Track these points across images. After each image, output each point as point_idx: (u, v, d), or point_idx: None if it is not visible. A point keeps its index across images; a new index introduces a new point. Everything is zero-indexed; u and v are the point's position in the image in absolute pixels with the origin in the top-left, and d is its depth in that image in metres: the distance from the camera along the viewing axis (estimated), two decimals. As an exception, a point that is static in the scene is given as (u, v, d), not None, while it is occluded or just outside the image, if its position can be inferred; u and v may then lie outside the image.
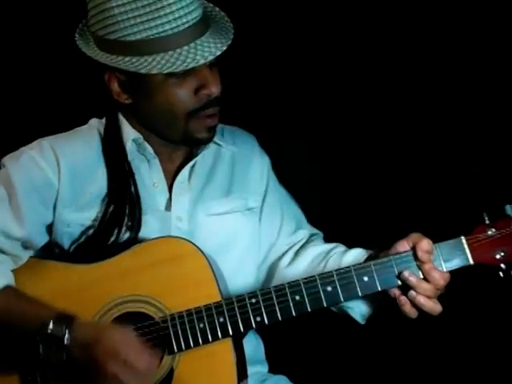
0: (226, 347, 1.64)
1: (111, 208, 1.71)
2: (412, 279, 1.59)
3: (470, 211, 1.65)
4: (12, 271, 1.68)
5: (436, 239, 1.61)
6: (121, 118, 1.76)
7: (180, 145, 1.76)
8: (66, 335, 1.54)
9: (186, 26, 1.59)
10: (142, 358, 1.53)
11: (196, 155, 1.77)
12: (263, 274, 1.86)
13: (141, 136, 1.73)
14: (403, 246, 1.61)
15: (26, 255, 1.72)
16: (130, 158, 1.74)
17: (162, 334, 1.62)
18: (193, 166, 1.78)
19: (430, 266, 1.58)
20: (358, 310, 1.74)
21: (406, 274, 1.60)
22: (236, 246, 1.79)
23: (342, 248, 1.81)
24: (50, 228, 1.73)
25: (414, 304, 1.60)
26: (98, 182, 1.73)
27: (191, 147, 1.78)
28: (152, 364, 1.55)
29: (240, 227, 1.80)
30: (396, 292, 1.62)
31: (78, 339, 1.54)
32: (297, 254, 1.84)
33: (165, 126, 1.70)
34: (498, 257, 1.60)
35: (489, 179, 2.05)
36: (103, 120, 1.80)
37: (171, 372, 1.64)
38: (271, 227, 1.85)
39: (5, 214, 1.68)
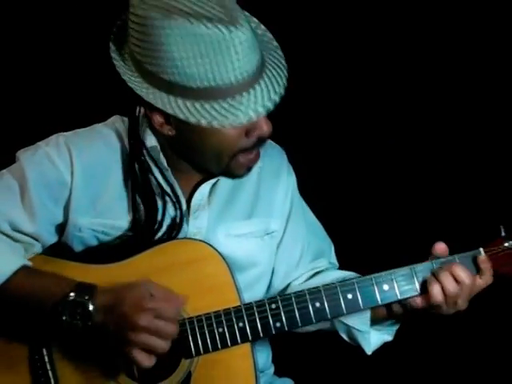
0: (244, 352, 1.64)
1: (142, 217, 1.66)
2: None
3: (487, 223, 1.68)
4: None
5: (455, 250, 1.64)
6: (144, 126, 1.68)
7: (214, 175, 1.71)
8: (91, 301, 1.53)
9: (246, 75, 1.48)
10: (168, 303, 1.54)
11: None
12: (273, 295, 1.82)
13: (158, 145, 1.67)
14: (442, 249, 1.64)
15: (37, 244, 1.69)
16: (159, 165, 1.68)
17: (181, 337, 1.61)
18: (215, 183, 1.73)
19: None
20: (368, 340, 1.75)
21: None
22: (250, 270, 1.77)
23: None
24: (59, 228, 1.70)
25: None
26: (115, 186, 1.68)
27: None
28: (179, 307, 1.57)
29: (257, 253, 1.78)
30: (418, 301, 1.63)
31: (102, 303, 1.54)
32: (312, 276, 1.84)
33: (206, 161, 1.64)
34: (514, 268, 1.64)
35: (504, 192, 2.09)
36: (126, 119, 1.72)
37: (189, 376, 1.63)
38: (290, 257, 1.84)
39: (16, 208, 1.65)
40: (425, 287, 1.61)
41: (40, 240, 1.69)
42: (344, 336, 1.79)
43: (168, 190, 1.69)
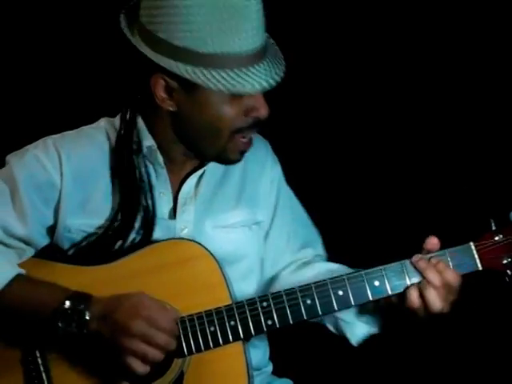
0: (237, 351, 1.64)
1: (119, 216, 1.68)
2: (421, 263, 1.61)
3: (477, 218, 1.69)
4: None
5: (445, 245, 1.64)
6: (140, 122, 1.70)
7: (207, 160, 1.73)
8: (87, 310, 1.56)
9: (257, 45, 1.55)
10: (163, 312, 1.56)
11: (205, 165, 1.74)
12: (264, 286, 1.84)
13: (155, 144, 1.69)
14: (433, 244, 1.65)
15: (29, 249, 1.70)
16: (142, 165, 1.70)
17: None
18: (201, 176, 1.75)
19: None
20: (353, 331, 1.75)
21: (414, 258, 1.62)
22: (240, 260, 1.77)
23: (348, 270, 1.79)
24: (50, 230, 1.71)
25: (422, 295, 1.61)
26: (103, 187, 1.70)
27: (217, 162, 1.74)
28: (173, 316, 1.58)
29: (245, 242, 1.79)
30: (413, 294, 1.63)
31: (97, 312, 1.56)
32: (301, 266, 1.84)
33: (204, 139, 1.66)
34: (504, 262, 1.63)
35: (495, 186, 2.09)
36: (115, 120, 1.74)
37: (181, 376, 1.63)
38: (278, 243, 1.84)
39: (6, 211, 1.66)
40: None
41: (32, 243, 1.70)
42: (330, 327, 1.79)
43: (160, 186, 1.71)
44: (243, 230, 1.79)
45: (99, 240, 1.68)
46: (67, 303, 1.56)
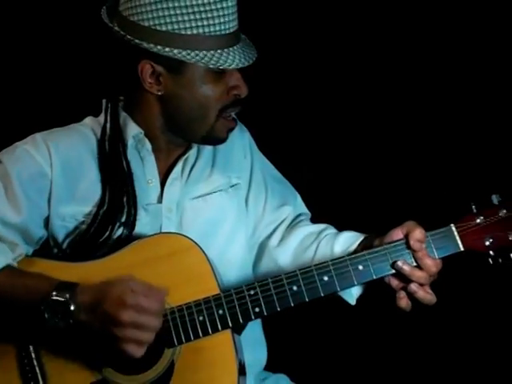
0: (225, 339, 1.67)
1: (105, 205, 1.74)
2: (406, 268, 1.64)
3: (458, 201, 1.71)
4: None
5: (426, 228, 1.66)
6: (122, 114, 1.79)
7: (196, 142, 1.81)
8: (72, 300, 1.58)
9: (232, 30, 1.68)
10: (149, 297, 1.57)
11: (190, 149, 1.82)
12: (253, 254, 1.89)
13: (142, 131, 1.77)
14: (397, 234, 1.67)
15: (23, 244, 1.74)
16: (128, 155, 1.77)
17: (162, 327, 1.63)
18: (186, 159, 1.83)
19: (423, 253, 1.63)
20: (348, 291, 1.76)
21: (399, 263, 1.64)
22: (223, 224, 1.83)
23: (332, 230, 1.85)
24: (46, 221, 1.76)
25: (408, 293, 1.65)
26: (91, 176, 1.77)
27: (205, 144, 1.83)
28: (161, 300, 1.60)
29: (225, 205, 1.85)
30: (394, 282, 1.67)
31: (83, 302, 1.58)
32: (285, 233, 1.88)
33: (193, 121, 1.74)
34: (486, 243, 1.65)
35: (476, 170, 2.11)
36: (99, 118, 1.83)
37: (172, 365, 1.66)
38: (257, 203, 1.90)
39: (1, 203, 1.71)
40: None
41: (28, 233, 1.74)
42: None
43: (148, 173, 1.78)
44: (220, 194, 1.85)
45: (89, 228, 1.74)
46: (53, 293, 1.59)
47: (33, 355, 1.68)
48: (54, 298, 1.59)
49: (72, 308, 1.58)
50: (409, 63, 2.49)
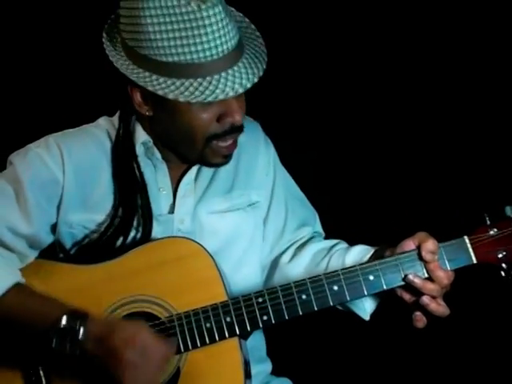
0: (232, 346, 1.65)
1: (120, 213, 1.70)
2: (417, 281, 1.61)
3: (471, 213, 1.69)
4: (20, 271, 1.68)
5: (439, 239, 1.64)
6: (133, 120, 1.73)
7: (192, 164, 1.75)
8: (81, 330, 1.55)
9: (221, 55, 1.55)
10: (160, 345, 1.55)
11: None
12: (265, 271, 1.87)
13: (151, 140, 1.72)
14: (409, 245, 1.64)
15: (32, 254, 1.72)
16: (139, 161, 1.73)
17: (169, 333, 1.62)
18: (199, 168, 1.77)
19: (435, 264, 1.61)
20: (362, 305, 1.75)
21: (410, 276, 1.62)
22: (237, 243, 1.79)
23: (344, 245, 1.82)
24: (54, 227, 1.73)
25: (420, 305, 1.62)
26: (105, 183, 1.73)
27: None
28: (169, 351, 1.57)
29: (241, 225, 1.80)
30: (406, 296, 1.64)
31: (92, 333, 1.55)
32: (297, 250, 1.85)
33: (182, 146, 1.69)
34: (499, 256, 1.64)
35: (489, 181, 2.09)
36: (114, 118, 1.78)
37: (178, 371, 1.64)
38: (276, 223, 1.86)
39: (12, 211, 1.68)
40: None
41: (37, 242, 1.72)
42: (338, 306, 1.77)
43: (160, 182, 1.73)
44: (238, 212, 1.80)
45: (101, 237, 1.70)
46: (63, 320, 1.56)
47: (42, 374, 1.64)
48: (63, 325, 1.56)
49: (80, 337, 1.55)
50: (424, 65, 2.45)
